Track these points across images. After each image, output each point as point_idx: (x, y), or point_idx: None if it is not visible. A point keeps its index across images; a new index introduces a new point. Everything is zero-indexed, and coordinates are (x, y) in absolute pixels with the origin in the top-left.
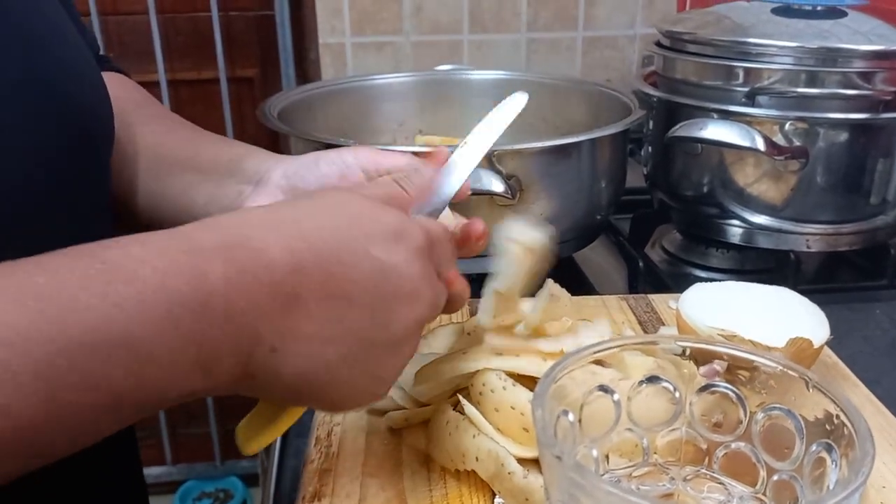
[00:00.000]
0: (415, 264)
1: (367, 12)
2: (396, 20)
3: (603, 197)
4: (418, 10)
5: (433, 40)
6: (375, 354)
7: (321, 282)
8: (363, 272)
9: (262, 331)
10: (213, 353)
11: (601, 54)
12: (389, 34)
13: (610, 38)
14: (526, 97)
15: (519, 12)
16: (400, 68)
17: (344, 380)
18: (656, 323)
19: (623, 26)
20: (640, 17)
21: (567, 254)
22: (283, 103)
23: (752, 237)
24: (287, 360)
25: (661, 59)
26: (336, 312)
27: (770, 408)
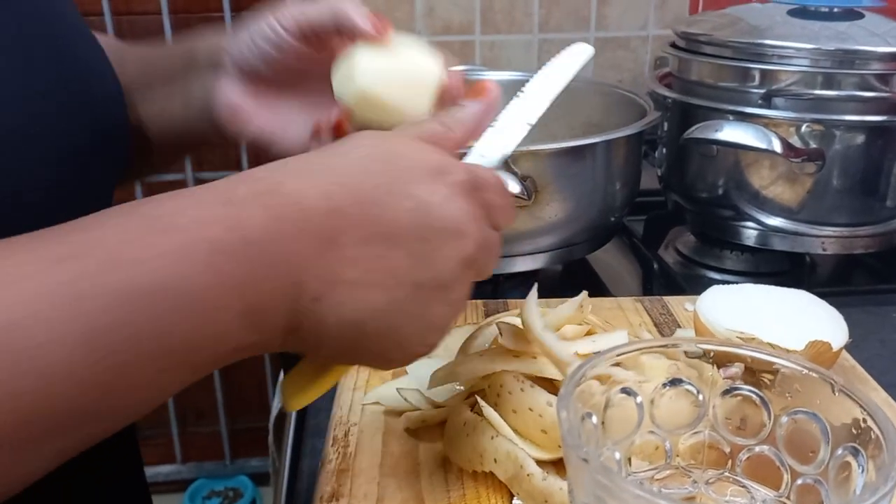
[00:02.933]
0: (456, 200)
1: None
2: (409, 20)
3: (617, 198)
4: (430, 10)
5: (445, 41)
6: (423, 298)
7: (359, 224)
8: (402, 211)
9: (304, 278)
10: (257, 303)
11: (613, 55)
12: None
13: (622, 39)
14: (591, 49)
15: (531, 13)
16: None
17: (393, 327)
18: (672, 325)
19: (635, 27)
20: (653, 18)
21: (581, 255)
22: None
23: (768, 239)
24: (331, 308)
25: (677, 60)
26: (378, 255)
27: (794, 411)
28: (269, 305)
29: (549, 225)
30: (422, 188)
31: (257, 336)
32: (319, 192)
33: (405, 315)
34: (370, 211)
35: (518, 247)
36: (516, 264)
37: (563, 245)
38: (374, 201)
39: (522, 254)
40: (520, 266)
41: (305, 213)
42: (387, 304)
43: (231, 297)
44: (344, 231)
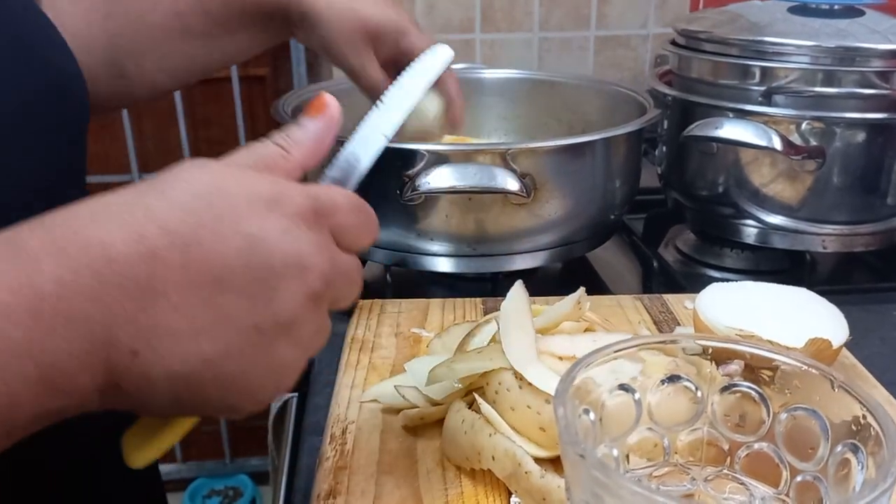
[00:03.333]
0: (294, 231)
1: None
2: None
3: (617, 196)
4: (431, 8)
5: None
6: (265, 341)
7: (181, 267)
8: (231, 250)
9: (115, 333)
10: (56, 366)
11: (614, 53)
12: None
13: (623, 38)
14: (451, 52)
15: (531, 11)
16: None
17: (234, 375)
18: (672, 323)
19: (636, 26)
20: (653, 17)
21: (580, 253)
22: (295, 101)
23: (768, 237)
24: (155, 362)
25: (677, 57)
26: (205, 300)
27: (794, 408)
28: (70, 367)
29: (548, 223)
30: (253, 222)
31: (64, 400)
32: (128, 236)
33: (246, 361)
34: (193, 253)
35: (517, 245)
36: (515, 262)
37: (562, 243)
38: (198, 241)
39: (521, 252)
40: (519, 264)
41: (111, 261)
42: (221, 352)
43: (22, 363)
44: (161, 277)
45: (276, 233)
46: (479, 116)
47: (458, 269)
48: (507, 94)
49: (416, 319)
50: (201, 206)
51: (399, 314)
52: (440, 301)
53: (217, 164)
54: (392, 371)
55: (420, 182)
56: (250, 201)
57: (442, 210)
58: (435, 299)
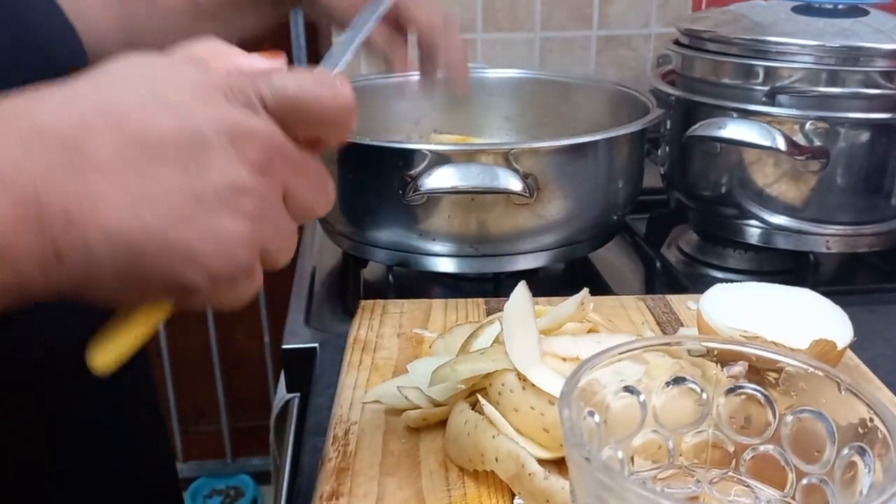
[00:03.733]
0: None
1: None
2: None
3: (620, 196)
4: None
5: None
6: (205, 210)
7: (112, 137)
8: (162, 120)
9: (48, 196)
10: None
11: (615, 53)
12: None
13: (624, 38)
14: None
15: (533, 11)
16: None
17: (175, 244)
18: (675, 324)
19: (637, 25)
20: (655, 16)
21: (583, 254)
22: None
23: (771, 238)
24: (93, 228)
25: (680, 57)
26: (139, 170)
27: (800, 410)
28: (6, 232)
29: (550, 223)
30: (184, 94)
31: (8, 271)
32: (57, 108)
33: (188, 228)
34: (123, 124)
35: (519, 245)
36: (518, 262)
37: (565, 243)
38: (127, 113)
39: (524, 252)
40: (521, 264)
41: (38, 130)
42: (161, 220)
43: None
44: (91, 146)
45: (206, 104)
46: (482, 116)
47: (460, 270)
48: (510, 94)
49: (418, 320)
50: (131, 83)
51: (401, 314)
52: (442, 301)
53: (147, 55)
54: (394, 371)
55: (422, 182)
56: (181, 78)
57: (444, 210)
58: (437, 300)
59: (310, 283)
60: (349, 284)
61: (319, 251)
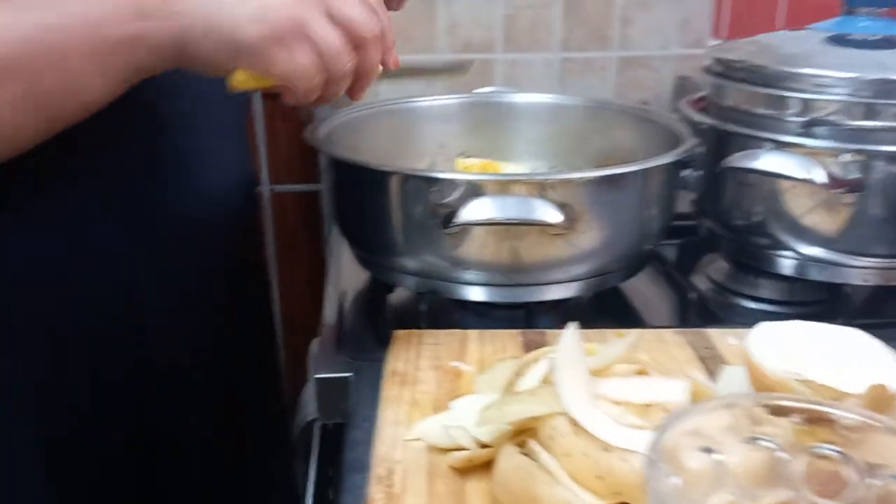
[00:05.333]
0: None
1: (402, 28)
2: (430, 38)
3: (653, 226)
4: (452, 27)
5: (466, 59)
6: None
7: None
8: None
9: None
10: None
11: (635, 74)
12: (422, 52)
13: (644, 59)
14: None
15: (553, 31)
16: (432, 87)
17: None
18: (717, 361)
19: (657, 47)
20: (675, 38)
21: (614, 284)
22: (329, 126)
23: (805, 269)
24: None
25: (712, 85)
26: None
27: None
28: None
29: (584, 253)
30: None
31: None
32: None
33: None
34: None
35: (551, 274)
36: (548, 292)
37: (597, 273)
38: None
39: (556, 282)
40: (552, 294)
41: None
42: None
43: None
44: None
45: None
46: (508, 140)
47: (491, 299)
48: (536, 118)
49: (454, 352)
50: None
51: (437, 346)
52: (478, 333)
53: None
54: (434, 407)
55: (458, 214)
56: None
57: (477, 239)
58: (472, 330)
59: (339, 308)
60: (378, 309)
61: (346, 273)
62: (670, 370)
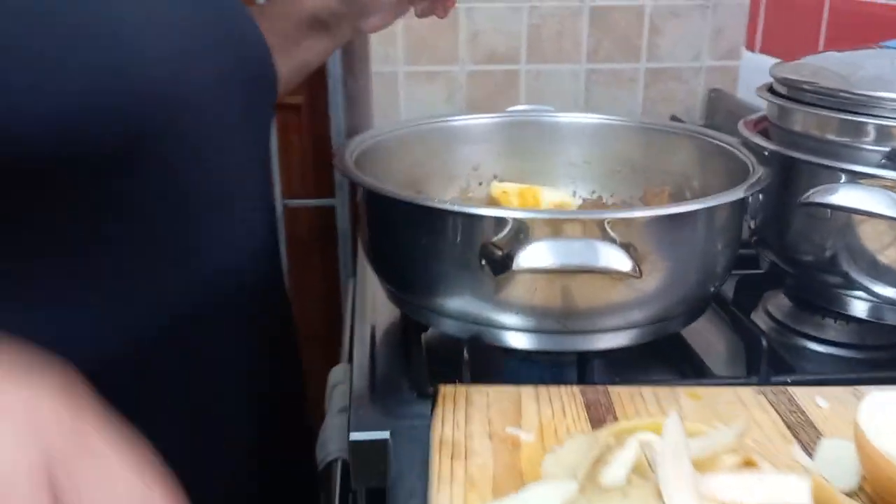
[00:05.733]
0: None
1: (423, 38)
2: (452, 48)
3: (719, 265)
4: (474, 37)
5: (488, 70)
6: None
7: None
8: None
9: None
10: None
11: (665, 86)
12: (444, 63)
13: (674, 70)
14: None
15: (580, 42)
16: (453, 99)
17: None
18: (807, 427)
19: (689, 58)
20: (707, 48)
21: (675, 329)
22: (357, 149)
23: (881, 312)
24: None
25: (776, 108)
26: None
27: None
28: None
29: (644, 297)
30: None
31: None
32: None
33: None
34: None
35: (607, 320)
36: (604, 340)
37: (658, 319)
38: None
39: (612, 329)
40: (608, 342)
41: None
42: None
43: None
44: None
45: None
46: (545, 162)
47: (540, 346)
48: (576, 140)
49: (508, 414)
50: None
51: (488, 407)
52: (532, 390)
53: None
54: (494, 487)
55: (515, 260)
56: None
57: (526, 280)
58: (526, 387)
59: (371, 350)
60: (412, 353)
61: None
62: (766, 449)
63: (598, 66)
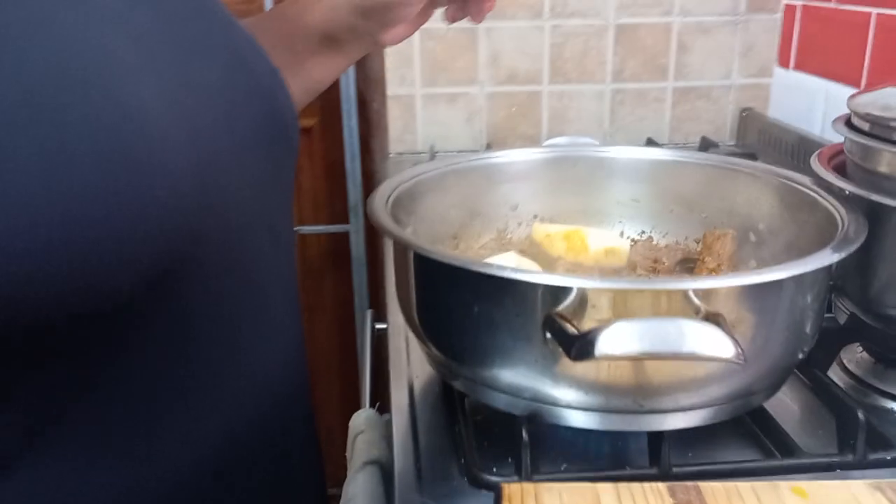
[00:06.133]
0: None
1: (440, 60)
2: (471, 69)
3: (809, 326)
4: (495, 58)
5: (509, 91)
6: None
7: None
8: None
9: None
10: None
11: (693, 106)
12: (463, 84)
13: (703, 89)
14: None
15: (604, 61)
16: (473, 121)
17: None
18: None
19: (718, 76)
20: (738, 66)
21: (759, 403)
22: (394, 193)
23: None
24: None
25: (857, 145)
26: None
27: None
28: None
29: (727, 371)
30: None
31: None
32: None
33: None
34: None
35: (684, 399)
36: (680, 420)
37: (742, 395)
38: None
39: (690, 408)
40: (685, 422)
41: None
42: None
43: None
44: None
45: None
46: (590, 200)
47: (610, 427)
48: (623, 175)
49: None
50: None
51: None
52: (612, 489)
53: None
54: None
55: (595, 345)
56: None
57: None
58: (603, 485)
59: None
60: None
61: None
62: None
63: (623, 86)
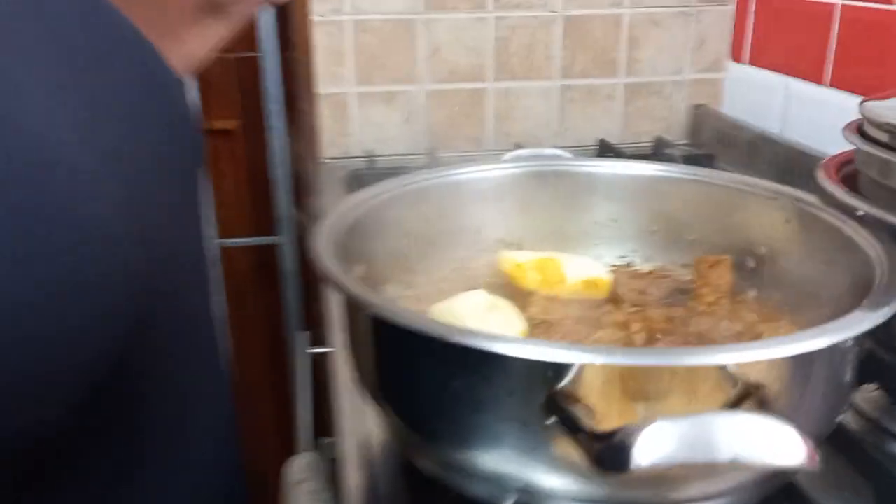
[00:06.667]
0: None
1: (375, 55)
2: (409, 64)
3: (847, 392)
4: (435, 52)
5: (451, 89)
6: None
7: None
8: None
9: None
10: None
11: (645, 103)
12: (401, 82)
13: (655, 85)
14: None
15: (552, 56)
16: (411, 122)
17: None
18: None
19: (670, 72)
20: (690, 61)
21: (789, 479)
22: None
23: None
24: None
25: (874, 159)
26: None
27: None
28: None
29: None
30: None
31: None
32: None
33: None
34: None
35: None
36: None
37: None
38: None
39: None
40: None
41: None
42: None
43: None
44: None
45: None
46: (563, 222)
47: None
48: (599, 192)
49: None
50: None
51: None
52: None
53: None
54: None
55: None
56: None
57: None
58: None
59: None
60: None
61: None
62: None
63: (572, 83)
